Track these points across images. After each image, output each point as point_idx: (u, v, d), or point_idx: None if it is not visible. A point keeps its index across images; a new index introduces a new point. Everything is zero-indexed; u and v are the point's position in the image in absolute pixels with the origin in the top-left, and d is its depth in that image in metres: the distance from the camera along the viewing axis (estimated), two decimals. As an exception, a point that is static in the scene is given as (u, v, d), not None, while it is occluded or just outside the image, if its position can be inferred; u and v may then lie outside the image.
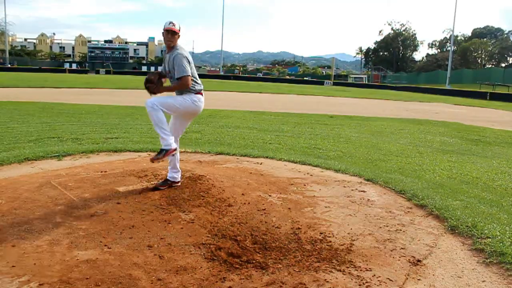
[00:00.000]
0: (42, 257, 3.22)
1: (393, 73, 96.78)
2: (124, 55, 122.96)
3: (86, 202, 4.37)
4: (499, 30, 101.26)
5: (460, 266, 3.50)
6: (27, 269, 3.04)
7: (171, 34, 4.60)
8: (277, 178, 5.85)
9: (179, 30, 4.67)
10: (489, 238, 3.95)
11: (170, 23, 4.60)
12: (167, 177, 4.98)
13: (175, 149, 4.73)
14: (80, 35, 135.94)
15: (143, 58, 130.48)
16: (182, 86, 4.64)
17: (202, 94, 4.90)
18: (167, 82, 4.90)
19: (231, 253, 3.47)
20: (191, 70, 4.67)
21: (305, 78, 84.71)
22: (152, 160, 4.63)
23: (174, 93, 4.84)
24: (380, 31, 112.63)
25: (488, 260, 3.58)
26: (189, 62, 4.64)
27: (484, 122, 17.99)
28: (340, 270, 3.29)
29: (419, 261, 3.55)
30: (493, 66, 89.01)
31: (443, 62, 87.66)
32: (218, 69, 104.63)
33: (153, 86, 4.70)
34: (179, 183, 5.00)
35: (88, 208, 4.24)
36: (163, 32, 4.64)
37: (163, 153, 4.60)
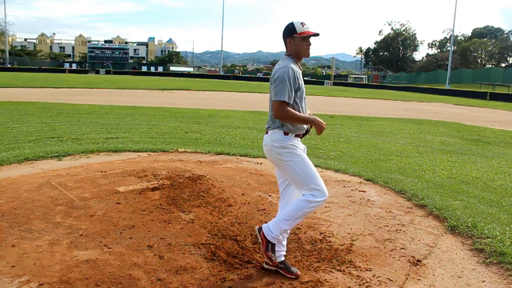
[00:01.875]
0: (42, 257, 3.22)
1: (393, 73, 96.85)
2: (124, 55, 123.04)
3: (86, 202, 4.37)
4: (499, 30, 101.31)
5: (460, 266, 3.50)
6: (27, 269, 3.04)
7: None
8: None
9: None
10: (489, 238, 3.95)
11: (303, 24, 3.06)
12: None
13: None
14: (80, 35, 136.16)
15: (143, 58, 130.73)
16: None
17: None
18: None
19: (231, 253, 3.47)
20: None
21: (305, 78, 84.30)
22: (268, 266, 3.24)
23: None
24: (380, 31, 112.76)
25: (488, 260, 3.58)
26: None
27: (484, 122, 18.00)
28: (340, 270, 3.29)
29: (419, 261, 3.56)
30: (493, 66, 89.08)
31: (443, 62, 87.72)
32: (218, 69, 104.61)
33: None
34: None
35: (88, 208, 4.24)
36: (291, 39, 3.10)
37: (269, 247, 3.19)
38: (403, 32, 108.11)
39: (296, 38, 3.08)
